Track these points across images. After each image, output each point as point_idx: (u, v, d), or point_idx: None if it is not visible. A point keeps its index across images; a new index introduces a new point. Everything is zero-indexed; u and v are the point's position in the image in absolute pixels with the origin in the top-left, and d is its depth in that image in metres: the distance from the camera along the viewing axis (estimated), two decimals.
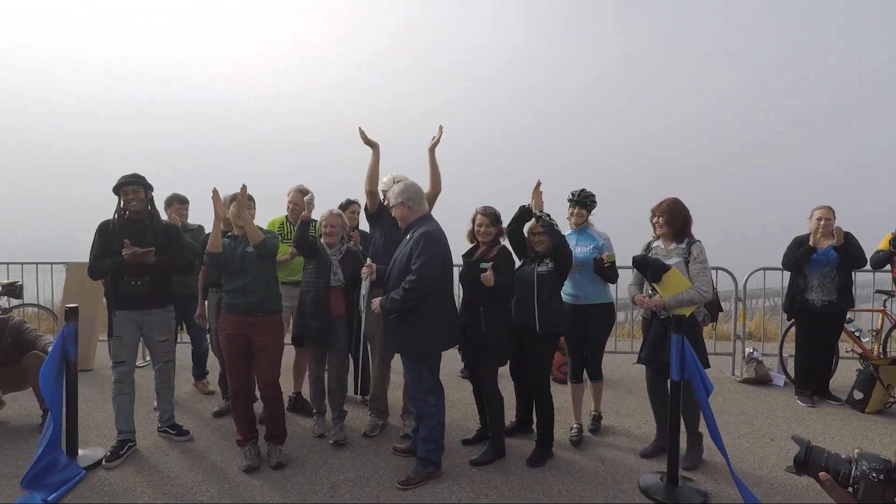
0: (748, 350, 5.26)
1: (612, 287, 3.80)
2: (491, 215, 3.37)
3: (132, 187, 3.38)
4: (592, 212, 3.80)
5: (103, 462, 3.25)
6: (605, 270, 3.54)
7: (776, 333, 6.82)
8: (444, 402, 3.21)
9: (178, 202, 4.66)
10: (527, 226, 3.52)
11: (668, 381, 3.04)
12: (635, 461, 3.38)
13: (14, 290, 6.08)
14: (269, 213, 4.45)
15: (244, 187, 3.23)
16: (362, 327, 3.58)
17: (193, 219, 4.78)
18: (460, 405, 4.39)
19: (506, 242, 3.47)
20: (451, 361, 5.42)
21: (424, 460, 3.10)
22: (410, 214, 3.14)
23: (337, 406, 3.69)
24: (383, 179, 3.79)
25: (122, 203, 3.41)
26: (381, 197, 3.80)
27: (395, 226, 3.44)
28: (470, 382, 4.00)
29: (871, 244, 4.78)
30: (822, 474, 1.31)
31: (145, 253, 3.28)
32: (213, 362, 4.68)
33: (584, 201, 3.74)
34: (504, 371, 3.58)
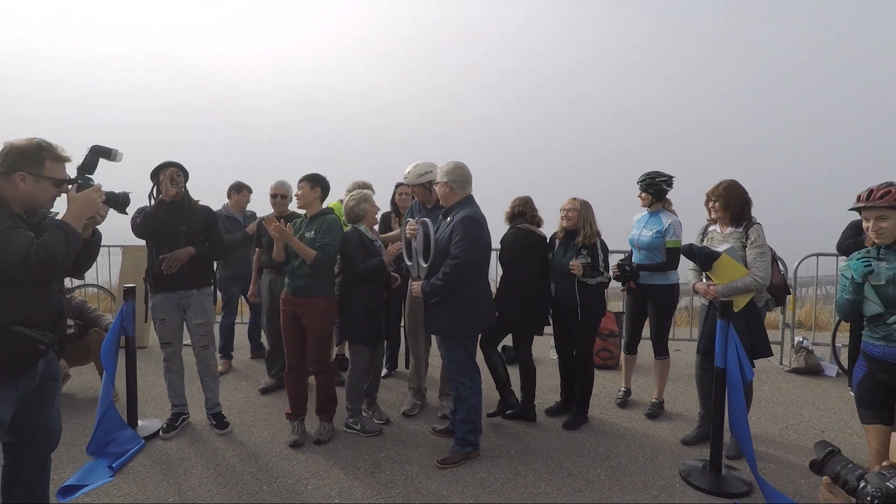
0: (798, 339, 5.07)
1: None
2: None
3: (173, 170, 3.40)
4: (668, 195, 3.82)
5: (160, 433, 3.45)
6: (624, 275, 3.73)
7: (828, 323, 6.54)
8: (481, 383, 3.25)
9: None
10: (562, 203, 3.68)
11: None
12: (676, 448, 3.34)
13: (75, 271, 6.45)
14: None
15: (279, 226, 3.15)
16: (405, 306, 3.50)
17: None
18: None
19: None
20: None
21: (462, 441, 3.15)
22: (452, 196, 3.12)
23: (372, 392, 3.76)
24: (406, 169, 3.74)
25: (159, 186, 3.41)
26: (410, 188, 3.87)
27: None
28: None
29: None
30: (825, 478, 1.44)
31: (183, 258, 3.37)
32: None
33: (643, 186, 3.80)
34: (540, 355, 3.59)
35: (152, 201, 3.43)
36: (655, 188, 3.75)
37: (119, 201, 2.24)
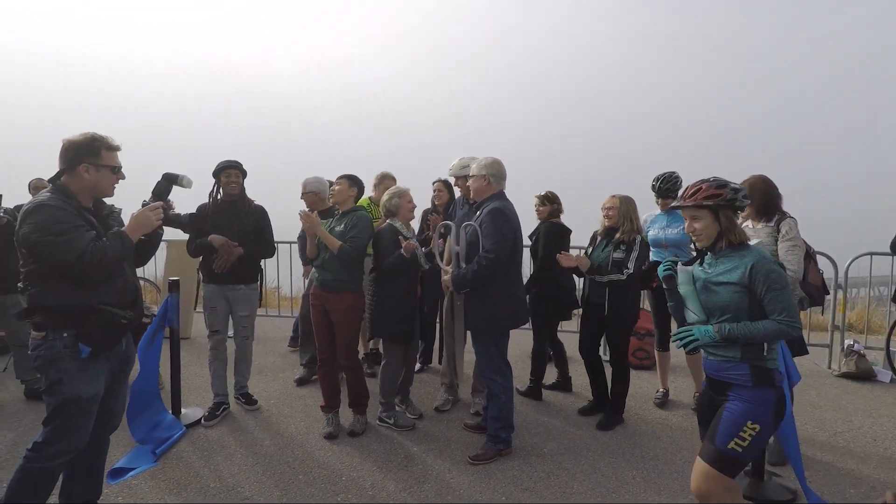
0: (848, 342, 4.83)
1: None
2: (541, 197, 4.00)
3: (234, 171, 3.63)
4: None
5: (202, 421, 3.58)
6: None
7: (881, 325, 6.21)
8: (513, 380, 3.23)
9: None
10: (603, 202, 3.70)
11: None
12: None
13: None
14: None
15: (306, 213, 3.34)
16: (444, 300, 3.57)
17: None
18: None
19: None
20: (521, 342, 5.41)
21: (495, 437, 3.14)
22: (487, 190, 3.14)
23: (405, 387, 3.78)
24: (452, 163, 3.81)
25: (219, 186, 3.65)
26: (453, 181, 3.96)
27: None
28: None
29: None
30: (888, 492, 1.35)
31: (233, 255, 3.54)
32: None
33: (665, 193, 3.82)
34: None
35: (213, 199, 3.66)
36: (676, 191, 3.76)
37: (182, 222, 2.46)
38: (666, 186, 3.75)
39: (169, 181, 2.41)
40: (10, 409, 3.80)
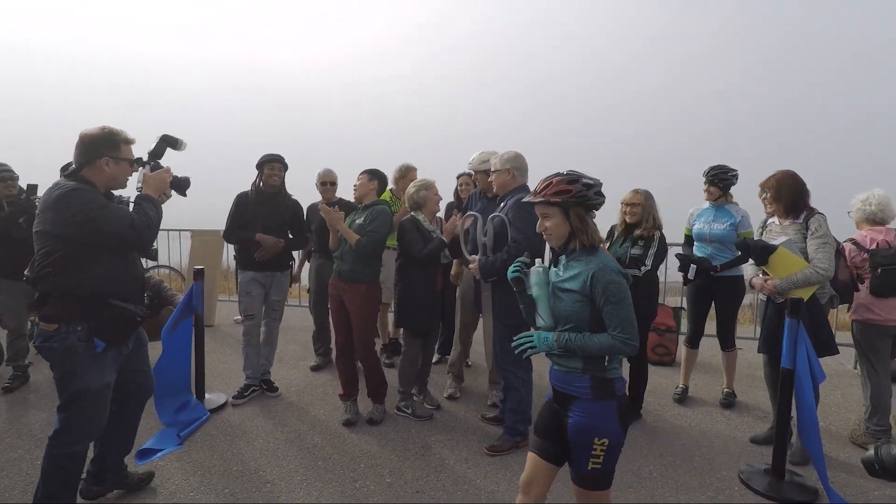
0: None
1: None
2: None
3: (277, 164, 3.81)
4: (731, 188, 3.74)
5: (231, 399, 3.74)
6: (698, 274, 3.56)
7: None
8: (532, 374, 3.24)
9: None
10: (623, 196, 3.57)
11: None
12: (736, 449, 3.21)
13: (150, 253, 6.93)
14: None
15: (327, 208, 3.40)
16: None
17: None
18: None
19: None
20: None
21: (512, 430, 3.16)
22: (512, 183, 3.13)
23: (423, 378, 3.81)
24: (472, 157, 3.80)
25: (262, 177, 3.80)
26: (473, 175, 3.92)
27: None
28: None
29: None
30: None
31: (276, 247, 3.78)
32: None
33: (712, 179, 3.72)
34: None
35: (256, 189, 3.82)
36: (725, 182, 3.68)
37: (181, 184, 2.51)
38: (714, 173, 3.67)
39: (166, 143, 2.46)
40: (43, 391, 3.95)
